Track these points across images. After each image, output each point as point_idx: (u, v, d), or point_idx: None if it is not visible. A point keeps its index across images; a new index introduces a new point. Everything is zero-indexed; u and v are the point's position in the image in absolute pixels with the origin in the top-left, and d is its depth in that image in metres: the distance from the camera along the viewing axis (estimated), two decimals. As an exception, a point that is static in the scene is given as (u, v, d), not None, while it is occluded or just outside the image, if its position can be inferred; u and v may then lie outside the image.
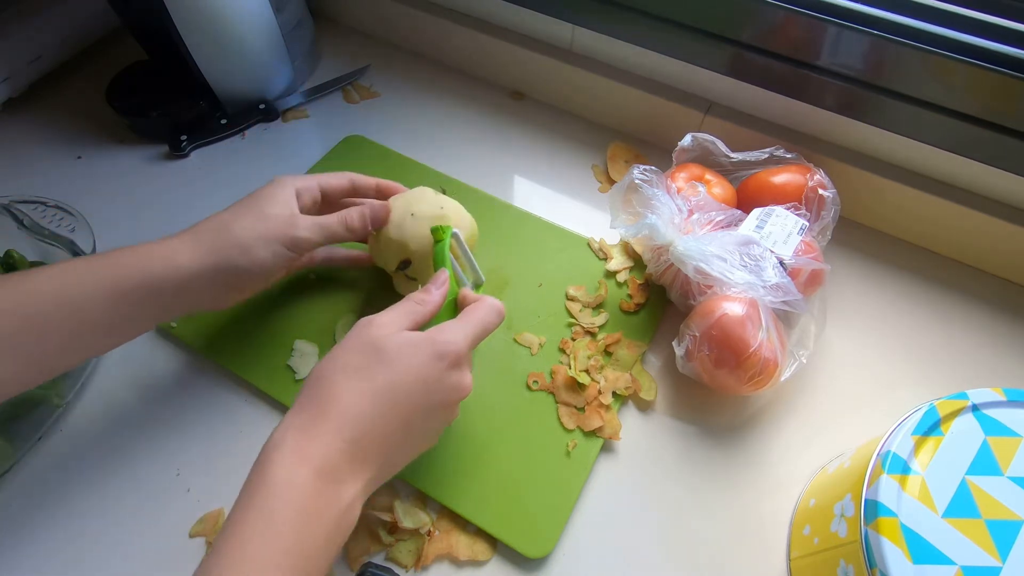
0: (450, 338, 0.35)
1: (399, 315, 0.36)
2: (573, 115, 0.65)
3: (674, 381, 0.47)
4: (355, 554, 0.40)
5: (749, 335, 0.41)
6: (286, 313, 0.50)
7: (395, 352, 0.33)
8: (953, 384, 0.47)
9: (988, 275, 0.54)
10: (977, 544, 0.30)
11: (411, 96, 0.67)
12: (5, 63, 0.61)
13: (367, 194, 0.47)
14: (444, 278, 0.39)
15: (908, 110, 0.48)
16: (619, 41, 0.58)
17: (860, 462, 0.35)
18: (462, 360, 0.35)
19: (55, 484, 0.43)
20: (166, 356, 0.49)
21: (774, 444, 0.45)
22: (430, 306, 0.37)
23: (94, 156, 0.61)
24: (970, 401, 0.33)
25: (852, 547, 0.32)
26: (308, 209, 0.44)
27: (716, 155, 0.53)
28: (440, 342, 0.34)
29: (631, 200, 0.48)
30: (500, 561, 0.40)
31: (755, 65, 0.52)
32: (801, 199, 0.49)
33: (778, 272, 0.43)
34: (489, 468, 0.43)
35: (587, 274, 0.52)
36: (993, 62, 0.43)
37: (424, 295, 0.38)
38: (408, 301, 0.37)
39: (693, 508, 0.42)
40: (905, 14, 0.45)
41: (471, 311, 0.37)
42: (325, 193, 0.45)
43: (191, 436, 0.45)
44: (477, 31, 0.64)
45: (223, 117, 0.63)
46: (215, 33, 0.56)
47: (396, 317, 0.36)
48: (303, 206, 0.43)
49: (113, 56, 0.69)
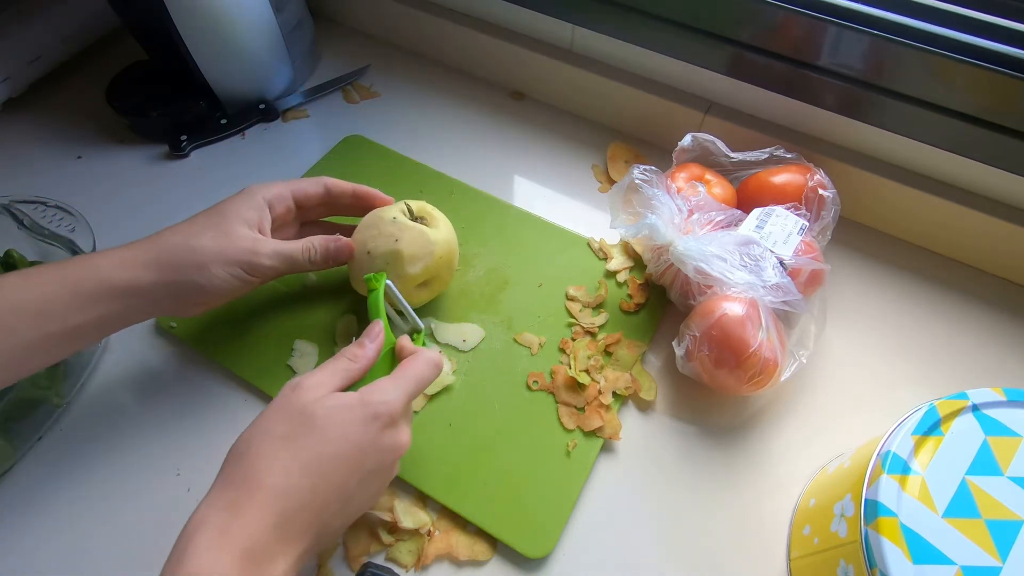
0: (383, 398, 0.34)
1: (330, 375, 0.34)
2: (573, 115, 0.65)
3: (674, 381, 0.47)
4: (355, 554, 0.40)
5: (749, 335, 0.41)
6: (286, 313, 0.50)
7: (325, 418, 0.32)
8: (953, 384, 0.47)
9: (988, 275, 0.54)
10: (977, 544, 0.30)
11: (411, 96, 0.67)
12: (5, 63, 0.61)
13: (343, 200, 0.47)
14: (378, 330, 0.38)
15: (908, 110, 0.48)
16: (619, 41, 0.58)
17: (860, 462, 0.35)
18: (396, 418, 0.34)
19: (55, 484, 0.43)
20: (166, 356, 0.49)
21: (774, 444, 0.45)
22: (363, 361, 0.36)
23: (94, 156, 0.61)
24: (970, 401, 0.33)
25: (852, 547, 0.32)
26: (282, 218, 0.44)
27: (716, 155, 0.53)
28: (373, 403, 0.33)
29: (631, 200, 0.48)
30: (500, 561, 0.40)
31: (755, 65, 0.52)
32: (801, 199, 0.49)
33: (778, 272, 0.43)
34: (489, 468, 0.43)
35: (587, 274, 0.52)
36: (993, 62, 0.43)
37: (357, 350, 0.36)
38: (340, 358, 0.36)
39: (693, 508, 0.42)
40: (905, 14, 0.45)
41: (405, 366, 0.36)
42: (299, 201, 0.45)
43: (191, 436, 0.45)
44: (477, 31, 0.64)
45: (223, 117, 0.63)
46: (215, 33, 0.56)
47: (326, 377, 0.34)
48: (276, 216, 0.43)
49: (113, 56, 0.69)
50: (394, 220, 0.44)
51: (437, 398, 0.46)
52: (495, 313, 0.50)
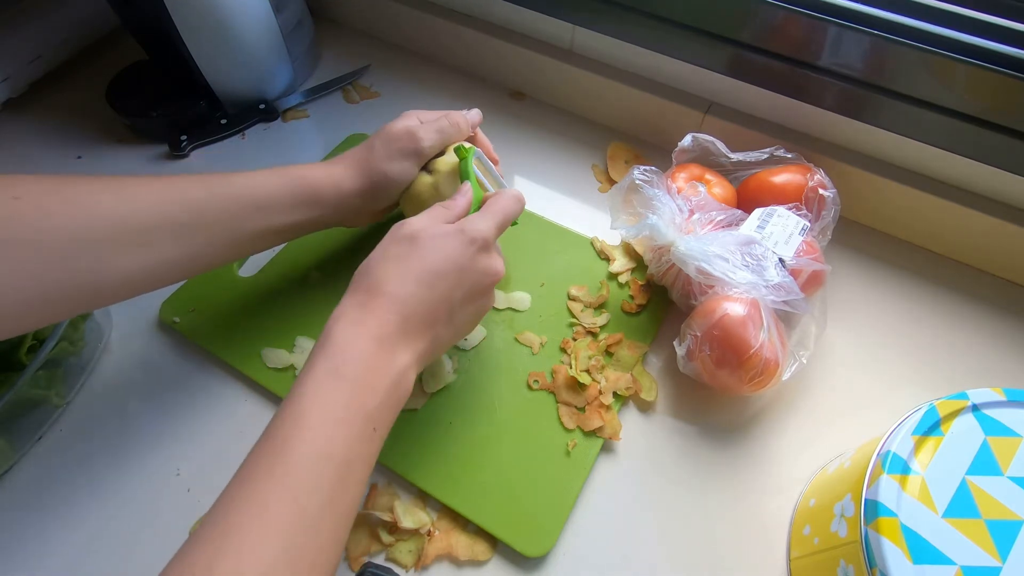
0: (477, 226, 0.38)
1: (430, 216, 0.39)
2: (573, 115, 0.65)
3: (675, 381, 0.47)
4: (355, 554, 0.40)
5: (751, 335, 0.41)
6: (288, 310, 0.50)
7: (429, 241, 0.37)
8: (953, 384, 0.47)
9: (988, 275, 0.54)
10: (977, 544, 0.30)
11: (411, 96, 0.67)
12: (5, 63, 0.61)
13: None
14: (467, 188, 0.42)
15: (908, 110, 0.48)
16: (619, 41, 0.58)
17: (860, 462, 0.35)
18: (490, 245, 0.39)
19: (55, 484, 0.43)
20: (166, 356, 0.49)
21: (774, 444, 0.45)
22: (456, 210, 0.40)
23: (94, 156, 0.61)
24: (970, 401, 0.33)
25: (852, 547, 0.32)
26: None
27: (716, 155, 0.53)
28: (468, 230, 0.38)
29: (631, 200, 0.48)
30: (500, 561, 0.40)
31: (755, 65, 0.52)
32: (801, 199, 0.49)
33: (780, 272, 0.43)
34: (488, 467, 0.43)
35: (589, 274, 0.52)
36: (993, 62, 0.43)
37: (450, 202, 0.41)
38: (436, 207, 0.40)
39: (693, 508, 0.42)
40: (905, 14, 0.45)
41: (493, 202, 0.41)
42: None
43: (191, 435, 0.45)
44: (477, 31, 0.64)
45: (223, 117, 0.62)
46: (215, 33, 0.56)
47: (426, 219, 0.39)
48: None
49: (113, 56, 0.69)
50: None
51: (438, 396, 0.46)
52: (496, 312, 0.50)
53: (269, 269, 0.52)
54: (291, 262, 0.53)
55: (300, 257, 0.53)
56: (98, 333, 0.48)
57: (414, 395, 0.45)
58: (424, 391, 0.46)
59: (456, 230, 0.38)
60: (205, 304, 0.50)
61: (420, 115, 0.48)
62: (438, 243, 0.37)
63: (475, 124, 0.50)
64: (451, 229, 0.38)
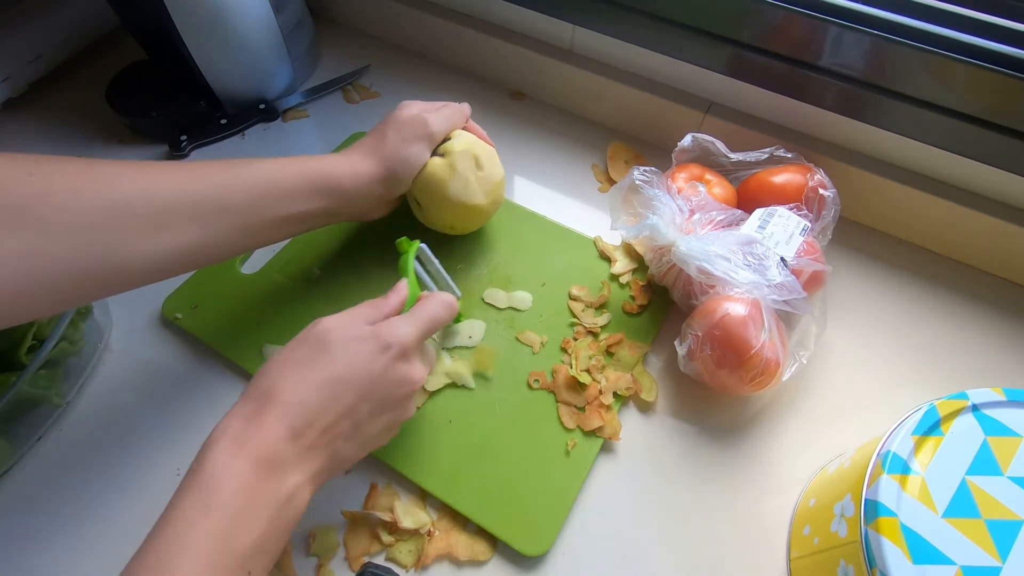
0: (395, 331, 0.36)
1: (349, 316, 0.37)
2: (573, 115, 0.65)
3: (675, 381, 0.47)
4: (355, 554, 0.40)
5: (751, 335, 0.41)
6: (291, 307, 0.50)
7: (338, 345, 0.34)
8: (953, 384, 0.47)
9: (988, 275, 0.54)
10: (977, 544, 0.30)
11: (411, 96, 0.66)
12: (5, 63, 0.61)
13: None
14: (402, 286, 0.40)
15: (908, 110, 0.48)
16: (619, 41, 0.58)
17: (860, 462, 0.35)
18: (409, 352, 0.36)
19: (55, 484, 0.43)
20: (166, 356, 0.49)
21: (774, 444, 0.45)
22: (385, 309, 0.38)
23: (94, 156, 0.61)
24: (970, 401, 0.33)
25: (852, 547, 0.32)
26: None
27: (716, 155, 0.53)
28: (384, 335, 0.35)
29: (631, 201, 0.48)
30: (500, 561, 0.40)
31: (755, 65, 0.52)
32: (801, 199, 0.49)
33: (782, 271, 0.43)
34: (488, 466, 0.43)
35: (590, 274, 0.52)
36: (993, 62, 0.43)
37: (380, 300, 0.39)
38: (363, 305, 0.38)
39: (693, 508, 0.42)
40: (905, 14, 0.45)
41: (420, 305, 0.39)
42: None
43: (191, 435, 0.45)
44: (477, 31, 0.64)
45: (223, 117, 0.62)
46: (215, 33, 0.56)
47: (346, 318, 0.36)
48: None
49: (113, 56, 0.69)
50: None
51: (437, 395, 0.46)
52: (498, 311, 0.50)
53: (272, 266, 0.53)
54: (294, 259, 0.53)
55: (303, 254, 0.53)
56: (98, 332, 0.48)
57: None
58: (424, 390, 0.46)
59: (371, 334, 0.35)
60: (208, 300, 0.50)
61: (418, 104, 0.48)
62: (348, 348, 0.34)
63: (466, 117, 0.51)
64: (366, 332, 0.35)
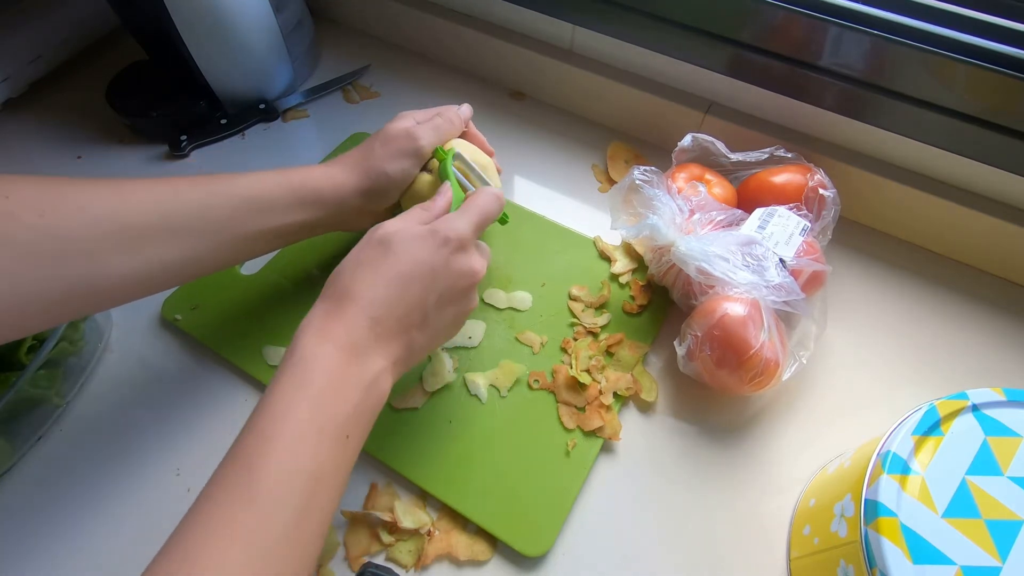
0: (452, 225, 0.38)
1: (404, 218, 0.39)
2: (573, 115, 0.65)
3: (675, 381, 0.47)
4: (355, 554, 0.40)
5: (751, 335, 0.41)
6: (290, 307, 0.50)
7: (401, 244, 0.36)
8: (953, 384, 0.47)
9: (988, 275, 0.54)
10: (977, 544, 0.30)
11: (411, 96, 0.67)
12: (5, 63, 0.61)
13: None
14: (446, 188, 0.42)
15: (908, 110, 0.48)
16: (619, 41, 0.58)
17: (860, 462, 0.35)
18: (466, 244, 0.38)
19: (55, 484, 0.43)
20: (166, 356, 0.49)
21: (774, 444, 0.45)
22: (435, 211, 0.40)
23: (94, 156, 0.61)
24: (970, 401, 0.33)
25: (852, 547, 0.32)
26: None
27: (716, 155, 0.53)
28: (442, 230, 0.37)
29: (631, 201, 0.48)
30: (500, 561, 0.40)
31: (755, 65, 0.52)
32: (801, 199, 0.49)
33: (781, 272, 0.43)
34: (488, 465, 0.43)
35: (590, 274, 0.52)
36: (993, 62, 0.43)
37: (430, 203, 0.40)
38: (415, 208, 0.40)
39: (693, 508, 0.42)
40: (905, 14, 0.45)
41: (470, 200, 0.41)
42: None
43: (191, 435, 0.45)
44: (477, 31, 0.64)
45: (223, 117, 0.62)
46: (215, 33, 0.56)
47: (402, 220, 0.38)
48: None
49: (113, 56, 0.69)
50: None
51: (438, 396, 0.46)
52: (497, 311, 0.50)
53: (271, 267, 0.53)
54: (293, 260, 0.53)
55: (302, 255, 0.53)
56: (98, 332, 0.48)
57: (414, 394, 0.45)
58: (424, 390, 0.46)
59: (429, 231, 0.37)
60: (207, 301, 0.50)
61: (415, 115, 0.48)
62: (410, 245, 0.36)
63: (466, 119, 0.50)
64: (424, 231, 0.37)
